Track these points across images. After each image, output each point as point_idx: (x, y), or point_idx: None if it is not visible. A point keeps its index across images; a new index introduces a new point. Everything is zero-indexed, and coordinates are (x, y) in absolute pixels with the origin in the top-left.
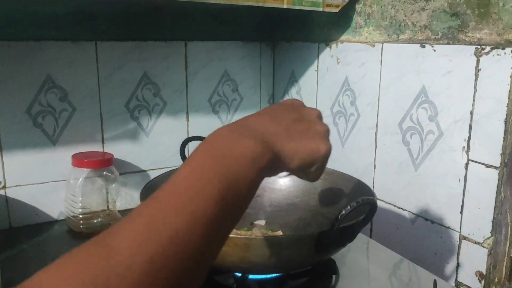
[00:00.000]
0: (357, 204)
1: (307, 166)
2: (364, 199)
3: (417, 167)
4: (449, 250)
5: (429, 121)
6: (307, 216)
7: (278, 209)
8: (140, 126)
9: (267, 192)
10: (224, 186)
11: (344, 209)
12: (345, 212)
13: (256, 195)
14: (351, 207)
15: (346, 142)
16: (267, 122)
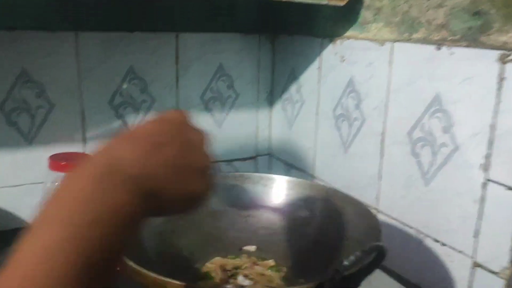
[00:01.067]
0: (363, 254)
1: (185, 210)
2: (373, 246)
3: (428, 182)
4: (461, 278)
5: (442, 133)
6: (303, 243)
7: (272, 232)
8: (125, 125)
9: (260, 211)
10: (83, 266)
11: (347, 259)
12: (348, 263)
13: (247, 214)
14: (356, 257)
15: (349, 149)
16: (145, 157)
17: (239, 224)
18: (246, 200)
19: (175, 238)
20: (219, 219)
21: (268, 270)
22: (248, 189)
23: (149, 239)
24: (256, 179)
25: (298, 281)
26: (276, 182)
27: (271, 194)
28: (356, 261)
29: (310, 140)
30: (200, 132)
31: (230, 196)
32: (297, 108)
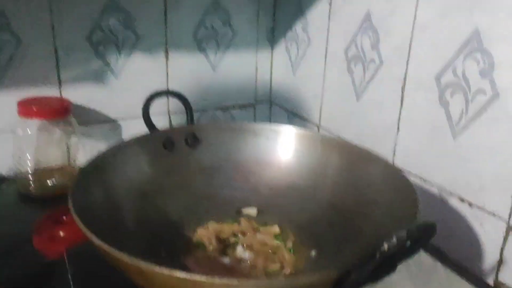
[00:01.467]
0: (408, 235)
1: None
2: (420, 226)
3: (457, 134)
4: (491, 242)
5: (480, 77)
6: (313, 206)
7: (276, 193)
8: (107, 65)
9: (262, 167)
10: None
11: (387, 241)
12: (388, 248)
13: (247, 170)
14: (398, 240)
15: (362, 96)
16: None
17: (237, 182)
18: (246, 155)
19: (160, 200)
20: (214, 176)
21: (273, 239)
22: (248, 142)
23: (128, 202)
24: (258, 130)
25: (311, 258)
26: (282, 134)
27: (275, 148)
28: (399, 244)
29: (316, 85)
30: None
31: (227, 150)
32: (302, 49)
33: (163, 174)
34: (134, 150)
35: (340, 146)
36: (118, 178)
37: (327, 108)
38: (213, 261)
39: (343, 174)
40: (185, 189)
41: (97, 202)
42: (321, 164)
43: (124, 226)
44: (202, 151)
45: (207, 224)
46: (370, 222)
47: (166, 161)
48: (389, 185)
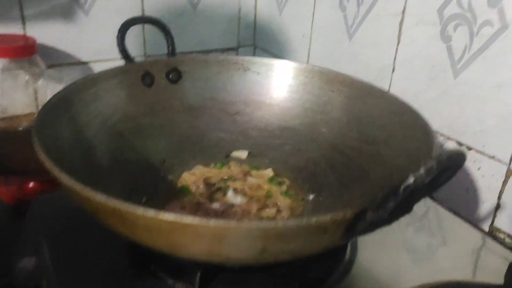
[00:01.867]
0: (439, 166)
1: None
2: (452, 155)
3: (459, 73)
4: (488, 187)
5: (487, 7)
6: (310, 147)
7: (267, 134)
8: (75, 1)
9: (252, 107)
10: None
11: (414, 174)
12: (414, 182)
13: (235, 112)
14: (426, 171)
15: (355, 34)
16: None
17: (225, 123)
18: (233, 92)
19: (139, 141)
20: (199, 117)
21: (266, 183)
22: (236, 78)
23: (102, 141)
24: (247, 65)
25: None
26: (274, 68)
27: (267, 85)
28: (427, 177)
29: (305, 25)
30: None
31: (213, 87)
32: None
33: (142, 112)
34: (109, 83)
35: (340, 81)
36: (90, 114)
37: (316, 50)
38: (201, 207)
39: (344, 111)
40: (167, 130)
41: (66, 139)
42: (319, 101)
43: (98, 166)
44: (186, 87)
45: (193, 168)
46: (378, 163)
47: (145, 97)
48: (396, 121)
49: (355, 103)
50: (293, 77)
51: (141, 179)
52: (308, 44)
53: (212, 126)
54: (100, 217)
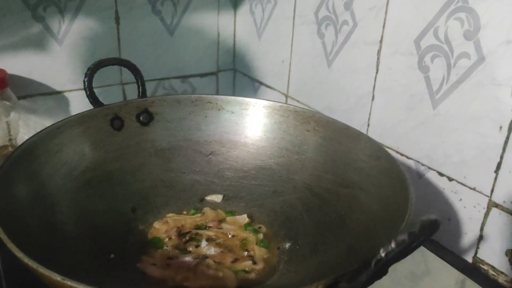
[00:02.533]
0: (410, 239)
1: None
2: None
3: (437, 103)
4: (470, 218)
5: (464, 39)
6: (286, 189)
7: (243, 175)
8: (48, 31)
9: (227, 147)
10: None
11: (384, 248)
12: (385, 256)
13: (209, 152)
14: (397, 245)
15: (334, 61)
16: None
17: (199, 164)
18: (208, 132)
19: (109, 190)
20: (172, 159)
21: (242, 230)
22: (210, 117)
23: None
24: (221, 104)
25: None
26: (249, 107)
27: (242, 124)
28: (398, 250)
29: (284, 51)
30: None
31: (186, 128)
32: (268, 11)
33: (111, 157)
34: (76, 131)
35: (316, 120)
36: (54, 167)
37: (296, 76)
38: (173, 261)
39: (320, 151)
40: (138, 175)
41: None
42: (294, 141)
43: (63, 223)
44: (157, 129)
45: (165, 216)
46: (354, 209)
47: (115, 142)
48: (373, 165)
49: (331, 144)
50: (268, 116)
51: (110, 232)
52: (288, 70)
53: (186, 168)
54: None
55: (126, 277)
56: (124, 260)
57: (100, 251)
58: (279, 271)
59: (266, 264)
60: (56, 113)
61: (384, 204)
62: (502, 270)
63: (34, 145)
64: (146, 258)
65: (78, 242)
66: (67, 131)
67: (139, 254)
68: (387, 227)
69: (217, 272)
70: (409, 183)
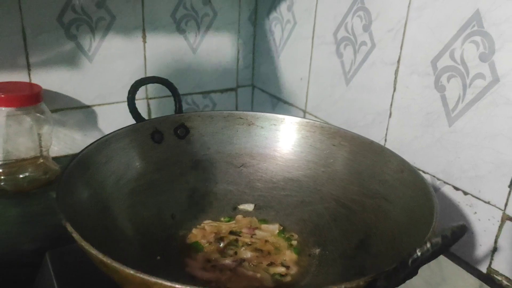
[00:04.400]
0: (443, 241)
1: None
2: (455, 230)
3: (453, 121)
4: (485, 231)
5: (479, 61)
6: (314, 199)
7: (272, 186)
8: (79, 48)
9: (257, 159)
10: None
11: (420, 248)
12: (421, 256)
13: (241, 164)
14: (432, 246)
15: (352, 80)
16: None
17: (231, 175)
18: (239, 146)
19: (151, 198)
20: (206, 170)
21: (274, 237)
22: (241, 132)
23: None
24: (251, 119)
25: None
26: (277, 123)
27: (271, 139)
28: (432, 250)
29: (302, 69)
30: None
31: (219, 141)
32: (287, 30)
33: (153, 169)
34: (121, 144)
35: (341, 135)
36: (104, 176)
37: (314, 93)
38: (214, 262)
39: (345, 164)
40: (177, 185)
41: (85, 204)
42: (321, 155)
43: (115, 230)
44: (193, 142)
45: (202, 223)
46: (379, 218)
47: (155, 154)
48: (396, 178)
49: (356, 157)
50: (296, 131)
51: (153, 236)
52: (306, 87)
53: (219, 179)
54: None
55: (174, 278)
56: (169, 262)
57: (147, 254)
58: (311, 274)
59: (299, 268)
60: (85, 126)
61: (409, 214)
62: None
63: (86, 156)
64: (191, 261)
65: (128, 245)
66: (114, 143)
67: (182, 257)
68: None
69: (255, 273)
70: (433, 195)
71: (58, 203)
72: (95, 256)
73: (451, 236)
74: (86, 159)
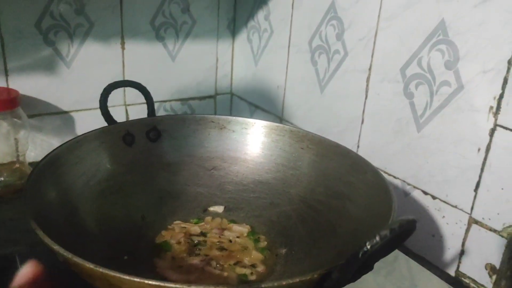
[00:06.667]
0: (391, 234)
1: None
2: (403, 223)
3: (421, 127)
4: (452, 234)
5: (445, 69)
6: (282, 201)
7: (242, 188)
8: (57, 54)
9: (228, 162)
10: None
11: (370, 241)
12: (370, 248)
13: (212, 167)
14: (381, 238)
15: (326, 87)
16: None
17: (202, 178)
18: (211, 149)
19: (121, 199)
20: (178, 173)
21: (243, 237)
22: (212, 135)
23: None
24: (223, 124)
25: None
26: (248, 127)
27: (242, 142)
28: (382, 243)
29: (279, 77)
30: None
31: (191, 144)
32: (265, 39)
33: (123, 170)
34: (92, 145)
35: (309, 139)
36: (74, 176)
37: (290, 100)
38: (182, 262)
39: (312, 168)
40: (147, 187)
41: (53, 203)
42: (289, 158)
43: (83, 229)
44: (164, 145)
45: (172, 223)
46: (343, 218)
47: (126, 156)
48: (360, 179)
49: (323, 160)
50: (266, 135)
51: (122, 236)
52: (283, 95)
53: (190, 182)
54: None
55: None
56: (137, 261)
57: (115, 253)
58: (276, 272)
59: (265, 267)
60: (62, 131)
61: (370, 212)
62: (482, 283)
63: (56, 156)
64: (159, 261)
65: (95, 244)
66: (85, 145)
67: (151, 256)
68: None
69: (222, 272)
70: (392, 193)
71: (24, 200)
72: (58, 252)
73: (399, 228)
74: (56, 158)
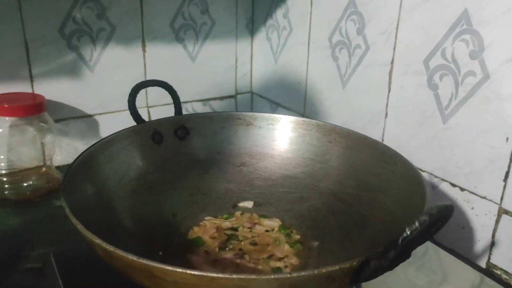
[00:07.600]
0: (431, 219)
1: None
2: (442, 208)
3: (447, 118)
4: (482, 225)
5: (469, 59)
6: (311, 194)
7: (271, 183)
8: (81, 58)
9: (256, 158)
10: None
11: (409, 227)
12: (410, 234)
13: (240, 163)
14: (420, 224)
15: (348, 82)
16: None
17: (231, 175)
18: (239, 146)
19: (153, 197)
20: (207, 170)
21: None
22: (240, 132)
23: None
24: (249, 120)
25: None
26: (274, 122)
27: (269, 138)
28: (422, 229)
29: (300, 74)
30: None
31: (219, 141)
32: (284, 37)
33: (153, 169)
34: (122, 144)
35: (337, 132)
36: (107, 175)
37: (312, 96)
38: (216, 257)
39: (341, 160)
40: (177, 185)
41: (88, 201)
42: (317, 151)
43: (118, 226)
44: (193, 143)
45: (203, 220)
46: (374, 209)
47: (156, 155)
48: (390, 170)
49: (351, 153)
50: (293, 130)
51: (155, 233)
52: (304, 91)
53: (219, 178)
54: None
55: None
56: (171, 257)
57: (150, 249)
58: (310, 265)
59: (298, 260)
60: (87, 135)
61: (402, 203)
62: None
63: (89, 156)
64: (193, 257)
65: (131, 240)
66: (115, 144)
67: (184, 253)
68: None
69: (256, 266)
70: (425, 183)
71: (63, 196)
72: (99, 245)
73: (438, 213)
74: (89, 158)
